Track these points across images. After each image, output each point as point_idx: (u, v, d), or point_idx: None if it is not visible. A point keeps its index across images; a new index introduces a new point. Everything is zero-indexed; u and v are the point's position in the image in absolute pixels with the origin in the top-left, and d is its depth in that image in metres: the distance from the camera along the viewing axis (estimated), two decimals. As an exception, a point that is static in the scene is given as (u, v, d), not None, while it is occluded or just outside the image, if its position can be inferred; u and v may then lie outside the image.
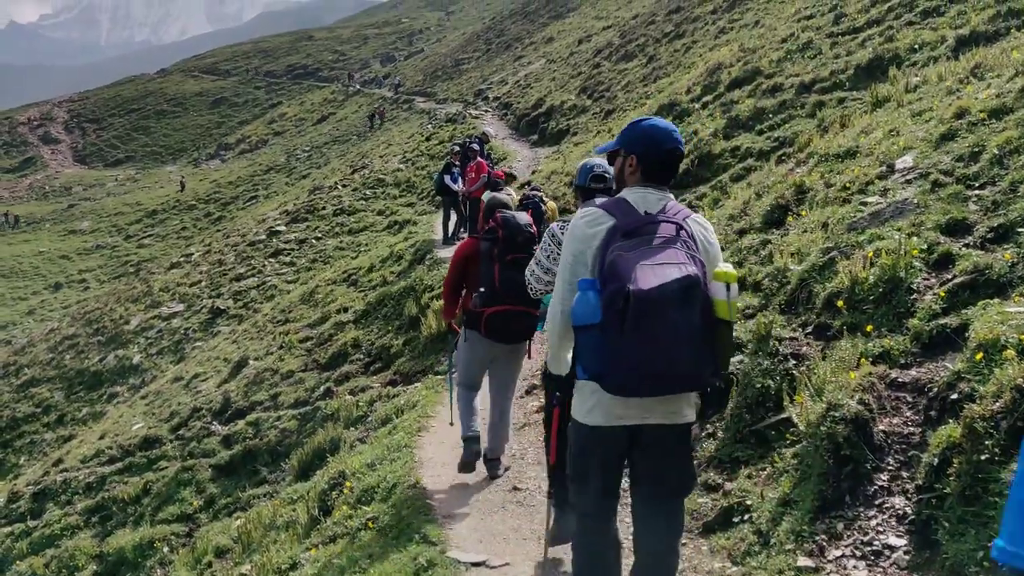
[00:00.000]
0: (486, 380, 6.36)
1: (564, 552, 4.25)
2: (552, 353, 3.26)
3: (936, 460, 3.59)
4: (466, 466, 6.06)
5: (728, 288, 2.91)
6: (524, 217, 5.91)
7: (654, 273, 2.76)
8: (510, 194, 10.57)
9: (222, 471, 11.76)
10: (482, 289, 5.75)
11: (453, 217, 16.92)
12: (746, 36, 19.38)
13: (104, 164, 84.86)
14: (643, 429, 2.97)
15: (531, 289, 4.64)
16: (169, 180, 68.47)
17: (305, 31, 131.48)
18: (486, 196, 13.15)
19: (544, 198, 9.42)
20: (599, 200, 3.53)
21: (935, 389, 4.03)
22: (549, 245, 4.45)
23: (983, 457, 3.32)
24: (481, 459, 6.17)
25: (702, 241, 3.01)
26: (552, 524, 4.20)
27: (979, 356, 3.83)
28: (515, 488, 5.93)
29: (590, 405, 3.01)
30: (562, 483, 3.61)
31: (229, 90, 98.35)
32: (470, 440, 6.05)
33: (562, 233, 4.27)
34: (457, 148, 18.66)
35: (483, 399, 6.56)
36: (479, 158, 16.46)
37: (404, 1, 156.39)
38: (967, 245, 4.96)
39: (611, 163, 3.32)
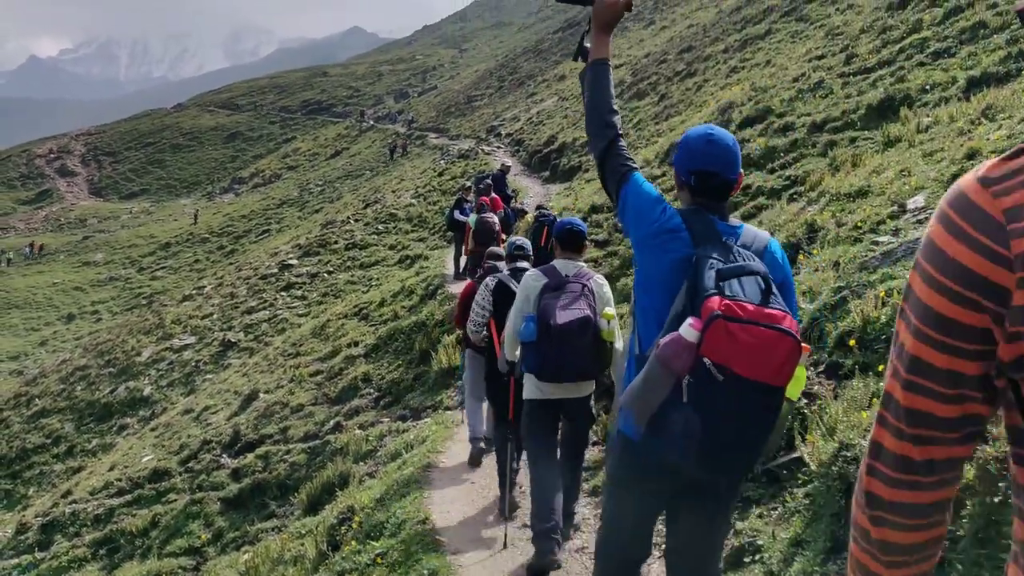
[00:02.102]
0: None
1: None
2: (506, 351, 5.27)
3: (949, 502, 3.55)
4: (474, 459, 7.48)
5: (609, 322, 4.77)
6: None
7: (567, 314, 4.66)
8: (494, 220, 13.84)
9: (231, 504, 11.73)
10: None
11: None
12: (757, 75, 19.52)
13: (119, 197, 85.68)
14: (564, 402, 4.98)
15: (472, 317, 6.29)
16: (183, 213, 69.01)
17: (320, 67, 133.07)
18: (472, 220, 14.05)
19: (556, 216, 11.74)
20: (540, 268, 5.14)
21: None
22: (483, 291, 6.22)
23: (996, 499, 3.30)
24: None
25: (598, 294, 4.84)
26: (508, 500, 6.01)
27: (992, 397, 3.80)
28: (524, 525, 5.90)
29: (532, 388, 4.95)
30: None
31: (244, 125, 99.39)
32: (476, 440, 7.53)
33: (492, 285, 6.15)
34: (469, 184, 18.75)
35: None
36: (493, 193, 16.48)
37: (418, 39, 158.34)
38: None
39: (545, 243, 5.78)
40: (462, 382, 8.70)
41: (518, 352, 4.98)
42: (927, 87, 11.41)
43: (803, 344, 2.49)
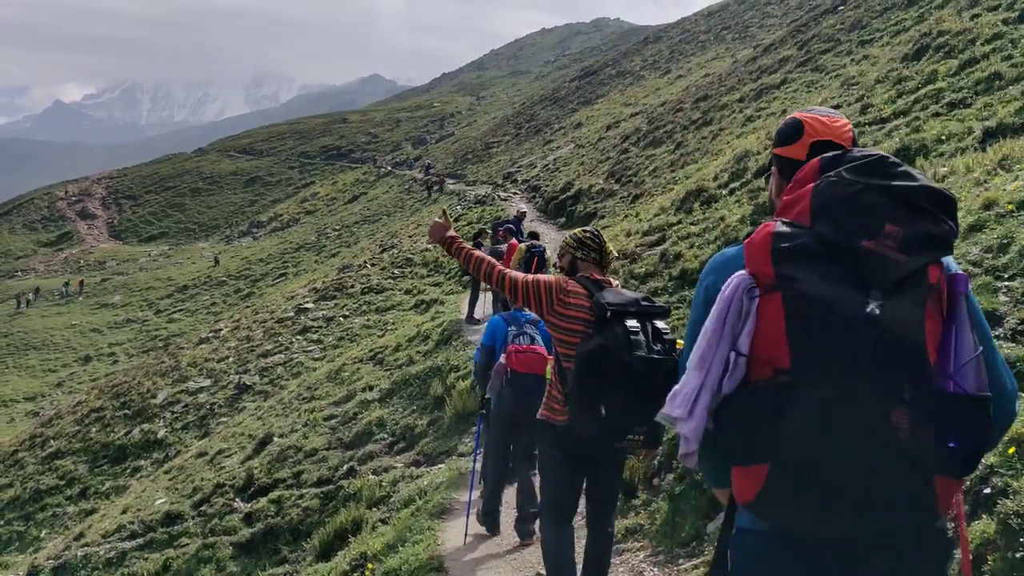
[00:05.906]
0: None
1: None
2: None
3: (970, 556, 3.51)
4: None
5: None
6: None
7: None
8: (481, 248, 14.29)
9: (243, 549, 11.67)
10: None
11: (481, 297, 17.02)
12: (773, 124, 19.63)
13: (139, 240, 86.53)
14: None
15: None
16: (201, 256, 69.58)
17: (339, 113, 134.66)
18: None
19: (545, 247, 13.53)
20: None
21: (967, 483, 3.96)
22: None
23: (1018, 555, 3.26)
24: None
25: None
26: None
27: (1011, 450, 3.78)
28: (539, 574, 5.85)
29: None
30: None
31: (263, 169, 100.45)
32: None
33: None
34: (488, 230, 18.83)
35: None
36: (512, 239, 16.48)
37: (436, 86, 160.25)
38: (997, 337, 4.92)
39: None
40: None
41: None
42: (943, 137, 11.43)
43: (548, 356, 5.30)
